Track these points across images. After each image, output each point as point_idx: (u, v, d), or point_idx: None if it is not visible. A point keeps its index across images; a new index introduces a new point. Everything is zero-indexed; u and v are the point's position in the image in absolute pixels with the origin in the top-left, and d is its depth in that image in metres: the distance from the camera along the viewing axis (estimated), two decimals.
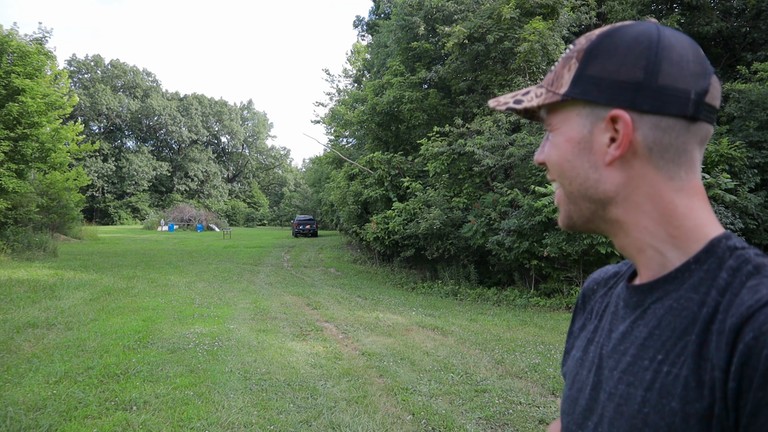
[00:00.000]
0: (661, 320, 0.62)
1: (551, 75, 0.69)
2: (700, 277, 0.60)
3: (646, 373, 0.60)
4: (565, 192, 0.69)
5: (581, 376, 0.73)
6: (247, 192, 67.14)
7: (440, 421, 3.85)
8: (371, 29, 26.03)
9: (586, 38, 0.67)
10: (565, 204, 0.70)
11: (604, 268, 0.87)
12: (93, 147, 22.04)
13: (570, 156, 0.67)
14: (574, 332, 0.84)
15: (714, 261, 0.61)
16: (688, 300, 0.60)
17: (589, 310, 0.82)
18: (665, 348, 0.60)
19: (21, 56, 13.93)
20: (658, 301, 0.64)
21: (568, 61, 0.67)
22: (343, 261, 18.86)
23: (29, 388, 4.22)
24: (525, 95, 0.69)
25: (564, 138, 0.67)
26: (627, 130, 0.63)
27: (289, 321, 7.36)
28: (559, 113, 0.68)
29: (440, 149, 12.06)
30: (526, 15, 11.93)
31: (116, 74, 59.09)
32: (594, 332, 0.76)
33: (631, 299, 0.68)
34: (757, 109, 9.45)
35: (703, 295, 0.59)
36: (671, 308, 0.61)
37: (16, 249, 14.30)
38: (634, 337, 0.65)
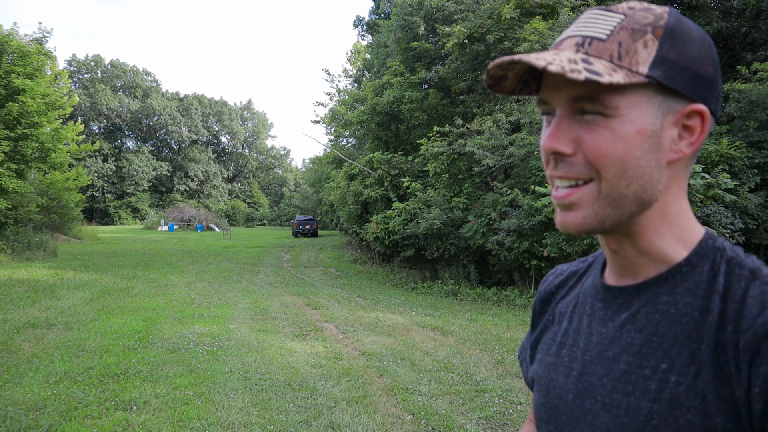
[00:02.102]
0: (658, 326, 0.59)
1: (612, 45, 0.57)
2: (695, 281, 0.59)
3: (649, 383, 0.57)
4: (606, 190, 0.58)
5: (557, 383, 0.69)
6: (247, 192, 67.13)
7: (440, 421, 3.85)
8: (371, 29, 26.04)
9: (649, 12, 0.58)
10: (600, 207, 0.59)
11: (558, 269, 0.84)
12: (93, 147, 22.04)
13: (639, 152, 0.57)
14: (535, 337, 0.80)
15: (707, 263, 0.59)
16: (686, 305, 0.58)
17: (551, 313, 0.78)
18: (669, 357, 0.57)
19: (21, 56, 13.92)
20: (649, 304, 0.61)
21: (641, 35, 0.57)
22: (343, 261, 18.86)
23: (29, 388, 4.22)
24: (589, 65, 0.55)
25: (635, 129, 0.57)
26: (705, 128, 0.59)
27: (289, 321, 7.36)
28: (626, 96, 0.57)
29: (440, 149, 12.06)
30: (526, 15, 11.94)
31: (116, 74, 59.07)
32: (565, 335, 0.71)
33: (614, 301, 0.65)
34: (757, 109, 9.45)
35: (702, 300, 0.57)
36: (670, 314, 0.59)
37: (16, 249, 14.29)
38: (626, 344, 0.61)
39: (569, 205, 0.60)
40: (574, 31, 0.60)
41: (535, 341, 0.80)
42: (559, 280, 0.81)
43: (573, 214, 0.60)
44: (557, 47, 0.60)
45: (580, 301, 0.73)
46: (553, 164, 0.61)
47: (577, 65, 0.54)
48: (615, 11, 0.59)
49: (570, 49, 0.58)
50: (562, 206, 0.61)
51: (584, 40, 0.58)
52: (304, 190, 48.42)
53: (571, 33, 0.60)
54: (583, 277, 0.77)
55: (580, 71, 0.53)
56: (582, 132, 0.58)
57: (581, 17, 0.61)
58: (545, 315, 0.80)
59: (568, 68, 0.53)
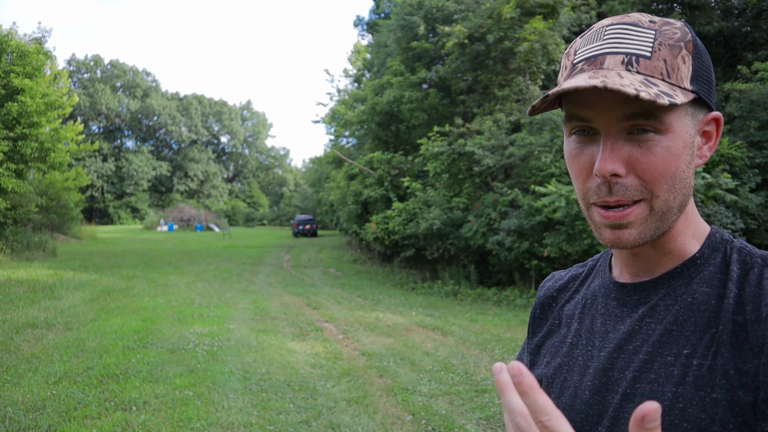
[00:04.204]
0: (677, 316, 0.60)
1: (659, 63, 0.58)
2: (710, 271, 0.61)
3: (672, 369, 0.58)
4: (658, 207, 0.60)
5: (571, 382, 0.69)
6: (246, 192, 67.10)
7: (440, 422, 3.84)
8: (371, 29, 26.02)
9: (673, 27, 0.60)
10: (653, 221, 0.60)
11: (555, 275, 0.85)
12: (93, 147, 22.01)
13: (684, 165, 0.60)
14: (537, 342, 0.80)
15: (718, 255, 0.62)
16: (703, 294, 0.60)
17: (556, 317, 0.78)
18: (690, 342, 0.58)
19: (20, 56, 13.92)
20: (667, 296, 0.62)
21: (678, 51, 0.59)
22: (343, 261, 18.85)
23: (28, 389, 4.21)
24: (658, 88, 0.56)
25: (682, 143, 0.59)
26: (719, 132, 0.63)
27: (289, 321, 7.35)
28: (674, 112, 0.58)
29: (440, 149, 12.05)
30: (526, 15, 11.93)
31: (116, 74, 59.06)
32: (576, 336, 0.71)
33: (630, 297, 0.66)
34: (758, 108, 9.44)
35: (718, 288, 0.59)
36: (687, 303, 0.60)
37: (16, 249, 14.28)
38: (646, 335, 0.62)
39: (626, 224, 0.60)
40: (611, 48, 0.59)
41: (537, 346, 0.79)
42: (560, 285, 0.81)
43: (628, 231, 0.60)
44: (594, 64, 0.59)
45: (588, 302, 0.73)
46: (607, 189, 0.59)
47: (652, 88, 0.55)
48: (641, 26, 0.60)
49: (618, 68, 0.58)
50: (616, 226, 0.61)
51: (630, 58, 0.58)
52: (304, 190, 48.41)
53: (609, 49, 0.59)
54: (587, 280, 0.77)
55: (662, 96, 0.54)
56: (634, 151, 0.58)
57: (606, 31, 0.61)
58: (548, 320, 0.79)
59: (653, 94, 0.54)
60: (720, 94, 10.66)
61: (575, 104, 0.60)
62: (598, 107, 0.58)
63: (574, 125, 0.62)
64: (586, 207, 0.64)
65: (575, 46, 0.63)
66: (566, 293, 0.79)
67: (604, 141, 0.59)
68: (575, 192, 0.66)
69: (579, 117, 0.60)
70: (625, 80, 0.55)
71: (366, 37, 28.67)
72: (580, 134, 0.62)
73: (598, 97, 0.58)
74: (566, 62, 0.64)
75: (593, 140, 0.61)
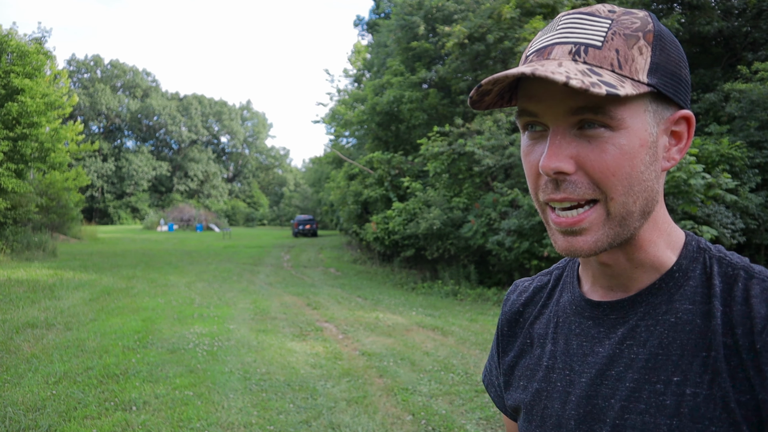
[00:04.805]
0: (661, 338, 0.56)
1: (609, 53, 0.53)
2: (691, 287, 0.57)
3: (663, 398, 0.54)
4: (615, 210, 0.55)
5: (553, 410, 0.64)
6: (246, 192, 67.11)
7: (440, 422, 3.84)
8: (371, 29, 26.03)
9: (633, 16, 0.56)
10: (610, 227, 0.56)
11: (519, 285, 0.79)
12: (93, 147, 22.01)
13: (643, 166, 0.55)
14: (509, 362, 0.74)
15: (697, 266, 0.58)
16: (687, 312, 0.56)
17: (526, 336, 0.73)
18: (680, 368, 0.54)
19: (20, 56, 13.92)
20: (648, 316, 0.58)
21: (635, 41, 0.54)
22: (343, 261, 18.85)
23: (28, 389, 4.20)
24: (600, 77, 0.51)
25: (639, 141, 0.54)
26: (691, 133, 0.59)
27: (289, 321, 7.35)
28: (628, 106, 0.54)
29: (440, 149, 12.05)
30: (526, 15, 11.92)
31: (116, 74, 59.08)
32: (551, 359, 0.66)
33: (606, 317, 0.61)
34: (758, 108, 9.44)
35: (702, 305, 0.56)
36: (671, 323, 0.56)
37: (16, 249, 14.28)
38: (629, 360, 0.58)
39: (579, 230, 0.56)
40: (561, 37, 0.55)
41: (510, 366, 0.74)
42: (525, 298, 0.76)
43: (582, 239, 0.56)
44: (542, 55, 0.56)
45: (560, 321, 0.68)
46: (553, 186, 0.55)
47: (591, 78, 0.51)
48: (598, 15, 0.56)
49: (564, 58, 0.54)
50: (569, 232, 0.56)
51: (578, 48, 0.54)
52: (304, 190, 48.42)
53: (558, 39, 0.55)
54: (554, 293, 0.72)
55: (599, 85, 0.50)
56: (583, 148, 0.54)
57: (560, 21, 0.58)
58: (518, 338, 0.74)
59: (588, 82, 0.49)
60: (720, 94, 10.65)
61: (524, 98, 0.57)
62: (545, 100, 0.54)
63: (524, 120, 0.58)
64: (541, 210, 0.60)
65: (534, 39, 0.60)
66: (533, 307, 0.74)
67: (551, 136, 0.55)
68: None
69: (527, 112, 0.57)
70: (560, 68, 0.51)
71: (366, 37, 28.68)
72: (531, 130, 0.58)
73: (544, 90, 0.54)
74: (523, 56, 0.60)
75: (543, 137, 0.57)
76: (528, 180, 0.60)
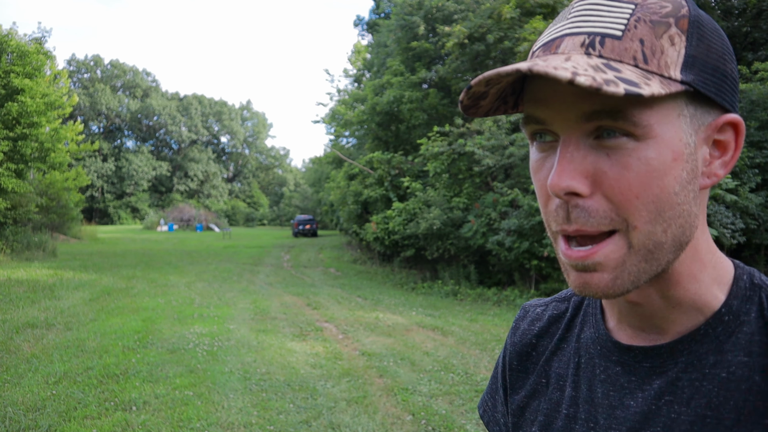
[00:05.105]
0: (710, 397, 0.46)
1: (632, 44, 0.43)
2: (746, 333, 0.46)
3: None
4: (639, 242, 0.44)
5: None
6: (246, 192, 67.11)
7: (440, 422, 3.84)
8: (371, 29, 26.03)
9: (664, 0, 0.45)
10: (633, 263, 0.45)
11: (529, 310, 0.68)
12: (93, 147, 22.00)
13: (678, 185, 0.44)
14: (519, 401, 0.63)
15: (752, 307, 0.47)
16: (741, 366, 0.45)
17: (540, 373, 0.62)
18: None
19: (20, 56, 13.92)
20: (691, 368, 0.47)
21: (664, 29, 0.43)
22: (343, 261, 18.85)
23: (28, 389, 4.20)
24: (619, 73, 0.41)
25: (671, 154, 0.43)
26: (740, 143, 0.47)
27: (289, 321, 7.35)
28: (656, 109, 0.43)
29: (440, 149, 12.05)
30: (526, 15, 11.93)
31: (116, 74, 59.10)
32: (572, 406, 0.56)
33: (638, 365, 0.51)
34: (758, 108, 9.44)
35: (760, 357, 0.45)
36: (722, 380, 0.46)
37: (16, 249, 14.28)
38: (669, 420, 0.47)
39: (593, 266, 0.45)
40: (573, 27, 0.45)
41: (521, 407, 0.63)
42: (539, 328, 0.65)
43: (598, 276, 0.45)
44: (549, 48, 0.46)
45: (583, 363, 0.57)
46: (564, 214, 0.45)
47: (605, 74, 0.40)
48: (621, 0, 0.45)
49: (575, 51, 0.44)
50: (581, 267, 0.45)
51: (592, 39, 0.43)
52: (304, 190, 48.42)
53: (569, 30, 0.45)
54: (573, 324, 0.61)
55: (616, 83, 0.39)
56: (601, 163, 0.43)
57: (573, 8, 0.47)
58: (530, 374, 0.63)
59: (600, 79, 0.39)
60: None
61: (530, 102, 0.47)
62: (553, 104, 0.45)
63: (531, 129, 0.48)
64: (552, 238, 0.49)
65: (544, 31, 0.50)
66: (549, 340, 0.63)
67: (561, 148, 0.44)
68: None
69: (534, 118, 0.47)
70: (567, 63, 0.41)
71: (366, 37, 28.68)
72: (540, 141, 0.48)
73: (552, 91, 0.44)
74: (531, 52, 0.50)
75: (554, 148, 0.47)
76: (539, 202, 0.49)
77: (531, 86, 0.47)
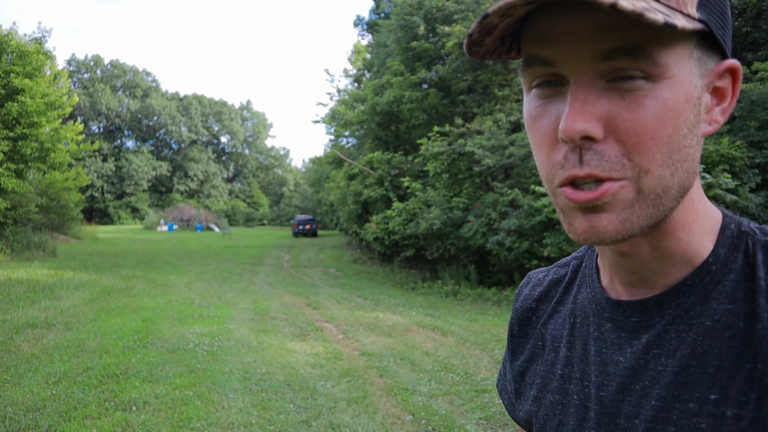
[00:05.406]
0: (695, 346, 0.46)
1: None
2: (732, 281, 0.46)
3: (697, 421, 0.44)
4: (650, 187, 0.43)
5: (569, 427, 0.55)
6: (246, 192, 67.12)
7: (440, 422, 3.84)
8: (371, 29, 26.03)
9: None
10: (641, 207, 0.44)
11: (532, 277, 0.68)
12: (93, 147, 22.00)
13: (686, 127, 0.43)
14: (519, 366, 0.65)
15: (738, 255, 0.47)
16: (726, 314, 0.45)
17: (538, 338, 0.63)
18: (718, 384, 0.44)
19: (20, 56, 13.92)
20: (678, 320, 0.47)
21: None
22: (343, 261, 18.85)
23: (28, 389, 4.20)
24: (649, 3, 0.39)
25: (684, 95, 0.42)
26: (737, 90, 0.47)
27: (289, 321, 7.35)
28: (673, 50, 0.42)
29: (440, 149, 12.06)
30: None
31: (116, 74, 59.10)
32: (567, 366, 0.57)
33: (627, 320, 0.51)
34: (758, 108, 9.44)
35: (745, 304, 0.45)
36: (707, 328, 0.46)
37: (16, 249, 14.28)
38: (656, 373, 0.48)
39: (602, 206, 0.43)
40: None
41: (521, 372, 0.65)
42: (539, 292, 0.65)
43: (606, 217, 0.43)
44: None
45: (578, 322, 0.58)
46: (576, 158, 0.43)
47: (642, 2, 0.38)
48: None
49: None
50: (588, 208, 0.44)
51: None
52: (304, 190, 48.42)
53: None
54: (571, 287, 0.62)
55: (654, 12, 0.37)
56: (615, 106, 0.42)
57: None
58: (529, 339, 0.64)
59: (641, 7, 0.36)
60: None
61: (534, 42, 0.44)
62: (564, 42, 0.42)
63: (534, 73, 0.45)
64: (551, 192, 0.47)
65: None
66: (548, 304, 0.64)
67: (573, 91, 0.42)
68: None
69: (540, 60, 0.44)
70: None
71: (366, 37, 28.68)
72: (543, 87, 0.45)
73: (564, 28, 0.41)
74: None
75: (560, 93, 0.44)
76: (538, 153, 0.47)
77: (537, 24, 0.44)
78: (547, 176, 0.46)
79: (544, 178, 0.47)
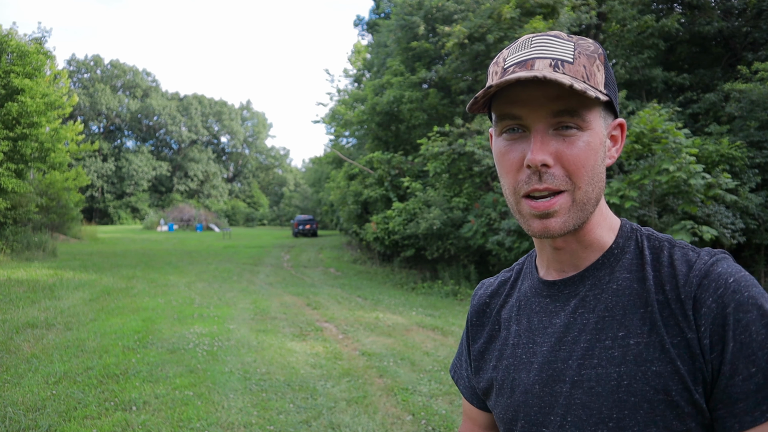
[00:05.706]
0: (607, 303, 0.67)
1: (579, 68, 0.65)
2: (628, 259, 0.69)
3: (612, 352, 0.64)
4: (579, 198, 0.66)
5: (520, 380, 0.73)
6: (246, 192, 67.09)
7: (440, 422, 3.84)
8: (371, 29, 26.01)
9: (587, 42, 0.68)
10: (574, 212, 0.66)
11: (485, 282, 0.90)
12: (93, 147, 21.99)
13: (599, 160, 0.67)
14: (479, 348, 0.84)
15: (632, 243, 0.71)
16: (626, 280, 0.67)
17: (494, 322, 0.83)
18: (623, 325, 0.65)
19: (20, 56, 13.90)
20: (595, 287, 0.69)
21: (593, 60, 0.67)
22: (343, 261, 18.84)
23: (28, 389, 4.20)
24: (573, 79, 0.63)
25: (598, 140, 0.66)
26: (623, 137, 0.73)
27: (289, 321, 7.35)
28: (592, 111, 0.66)
29: (440, 149, 12.05)
30: (527, 15, 11.92)
31: (116, 74, 59.06)
32: (517, 336, 0.76)
33: (560, 293, 0.72)
34: (758, 108, 9.44)
35: (637, 272, 0.67)
36: (614, 290, 0.68)
37: (16, 249, 14.27)
38: (582, 325, 0.68)
39: (552, 213, 0.66)
40: (539, 53, 0.65)
41: (480, 352, 0.83)
42: (491, 291, 0.86)
43: (554, 220, 0.66)
44: (524, 66, 0.65)
45: (522, 304, 0.78)
46: (537, 177, 0.65)
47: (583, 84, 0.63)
48: (563, 38, 0.67)
49: (546, 70, 0.63)
50: (543, 215, 0.66)
51: (556, 62, 0.64)
52: (304, 190, 48.41)
53: (537, 54, 0.65)
54: (516, 283, 0.83)
55: (592, 90, 0.63)
56: (560, 145, 0.64)
57: (531, 41, 0.67)
58: (485, 326, 0.84)
59: (583, 86, 0.61)
60: (720, 94, 10.65)
61: (507, 104, 0.65)
62: (530, 104, 0.64)
63: (505, 124, 0.67)
64: (515, 201, 0.68)
65: (503, 56, 0.69)
66: (499, 298, 0.84)
67: (534, 135, 0.64)
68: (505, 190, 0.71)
69: (511, 115, 0.66)
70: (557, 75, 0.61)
71: (366, 37, 28.66)
72: (510, 132, 0.67)
73: (528, 95, 0.64)
74: (496, 69, 0.69)
75: (523, 137, 0.66)
76: (506, 177, 0.69)
77: (509, 92, 0.65)
78: (513, 191, 0.68)
79: (509, 192, 0.69)
